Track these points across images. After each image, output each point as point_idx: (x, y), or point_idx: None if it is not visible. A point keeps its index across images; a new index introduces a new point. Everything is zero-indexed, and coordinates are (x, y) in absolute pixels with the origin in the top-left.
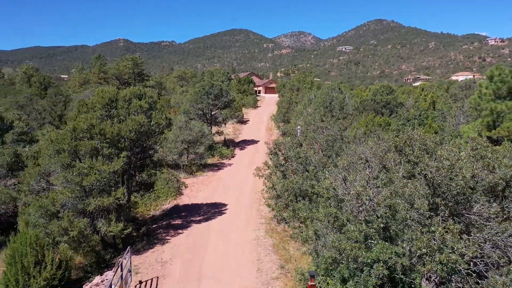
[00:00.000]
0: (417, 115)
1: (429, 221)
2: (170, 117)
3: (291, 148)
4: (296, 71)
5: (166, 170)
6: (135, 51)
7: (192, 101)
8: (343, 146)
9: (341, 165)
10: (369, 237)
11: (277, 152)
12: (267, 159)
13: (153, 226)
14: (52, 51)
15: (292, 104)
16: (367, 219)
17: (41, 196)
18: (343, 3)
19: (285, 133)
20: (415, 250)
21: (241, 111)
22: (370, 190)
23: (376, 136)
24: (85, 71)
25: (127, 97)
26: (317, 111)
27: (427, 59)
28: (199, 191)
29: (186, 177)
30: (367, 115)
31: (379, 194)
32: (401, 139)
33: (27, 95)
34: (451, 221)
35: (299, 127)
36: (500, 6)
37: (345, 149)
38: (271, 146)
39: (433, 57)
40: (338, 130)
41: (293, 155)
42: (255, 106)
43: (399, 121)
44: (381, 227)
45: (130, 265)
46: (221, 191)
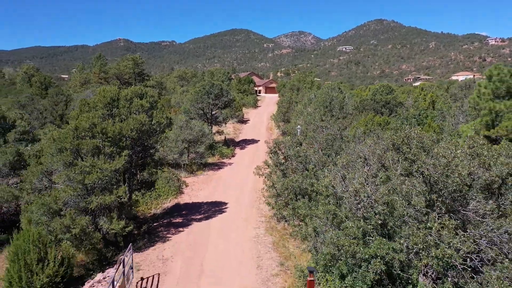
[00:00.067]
0: (416, 114)
1: (426, 218)
2: (170, 116)
3: (291, 147)
4: (296, 71)
5: (167, 169)
6: (135, 51)
7: (193, 101)
8: (342, 145)
9: (340, 164)
10: (367, 233)
11: (277, 151)
12: (267, 158)
13: (154, 224)
14: (52, 51)
15: (292, 104)
16: (365, 215)
17: (44, 194)
18: (343, 3)
19: (285, 132)
20: (412, 245)
21: (242, 110)
22: (368, 187)
23: (376, 135)
24: (86, 71)
25: (128, 96)
26: (317, 110)
27: (427, 59)
28: (200, 190)
29: (187, 176)
30: (366, 114)
31: (377, 191)
32: (399, 137)
33: (28, 95)
34: (447, 217)
35: (299, 126)
36: (500, 6)
37: (344, 148)
38: (271, 145)
39: (434, 57)
40: (337, 130)
41: (293, 154)
42: (255, 106)
43: (398, 121)
44: (379, 224)
45: (132, 262)
46: (221, 190)
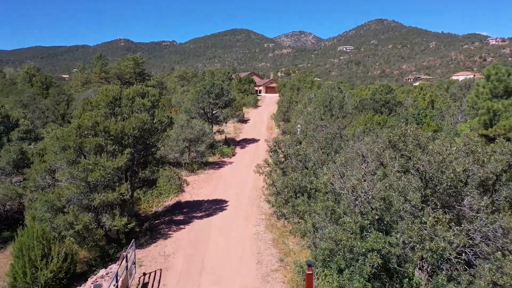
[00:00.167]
0: (415, 113)
1: (422, 213)
2: (171, 116)
3: (291, 146)
4: (296, 71)
5: (168, 167)
6: (136, 51)
7: (194, 100)
8: (342, 144)
9: (339, 162)
10: (364, 228)
11: (277, 150)
12: (267, 157)
13: (156, 222)
14: (53, 51)
15: (292, 103)
16: (362, 211)
17: (47, 192)
18: (343, 3)
19: (285, 131)
20: (407, 238)
21: (242, 110)
22: (365, 183)
23: (375, 134)
24: (87, 71)
25: (130, 95)
26: (317, 110)
27: (427, 59)
28: (201, 188)
29: (188, 175)
30: (366, 114)
31: (374, 187)
32: (395, 134)
33: (30, 94)
34: (441, 211)
35: (299, 125)
36: (501, 6)
37: (343, 147)
38: (271, 144)
39: (434, 57)
40: (337, 129)
41: (293, 153)
42: (255, 105)
43: (396, 120)
44: (376, 219)
45: (134, 257)
46: (222, 188)
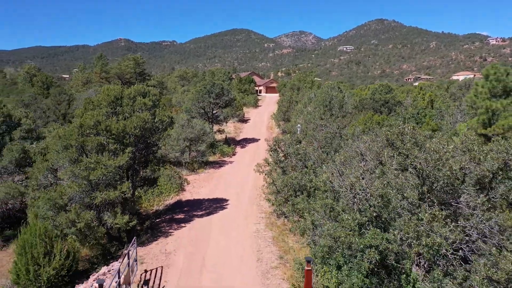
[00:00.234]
0: (415, 113)
1: (419, 210)
2: (172, 115)
3: (290, 145)
4: (297, 71)
5: (169, 167)
6: (136, 51)
7: (194, 100)
8: (341, 143)
9: (338, 160)
10: (363, 225)
11: (277, 149)
12: (267, 156)
13: (157, 220)
14: (53, 51)
15: (293, 103)
16: (360, 208)
17: (50, 190)
18: (344, 2)
19: (285, 131)
20: (404, 234)
21: (242, 110)
22: (363, 181)
23: (374, 133)
24: (87, 70)
25: (131, 95)
26: (316, 109)
27: (428, 58)
28: (201, 187)
29: (188, 174)
30: (365, 113)
31: (372, 185)
32: (393, 133)
33: (31, 94)
34: (437, 208)
35: (299, 125)
36: (501, 6)
37: (343, 146)
38: (271, 143)
39: (434, 57)
40: (337, 128)
41: (293, 152)
42: (256, 105)
43: (394, 119)
44: (374, 216)
45: (136, 254)
46: (222, 187)
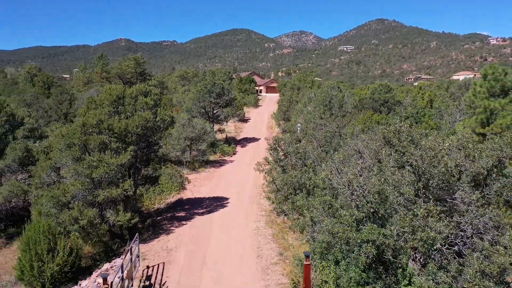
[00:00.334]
0: (414, 112)
1: (415, 206)
2: (172, 115)
3: (290, 144)
4: (297, 71)
5: (170, 166)
6: (136, 51)
7: (195, 100)
8: (341, 142)
9: (337, 159)
10: (360, 221)
11: (277, 148)
12: (267, 155)
13: (158, 218)
14: (54, 51)
15: (293, 103)
16: (358, 205)
17: (53, 188)
18: (344, 2)
19: (285, 130)
20: (400, 228)
21: (243, 109)
22: (360, 178)
23: (373, 132)
24: (88, 70)
25: (133, 94)
26: (316, 109)
27: (428, 58)
28: (202, 186)
29: (189, 173)
30: (365, 113)
31: (369, 182)
32: (389, 130)
33: (33, 94)
34: (432, 203)
35: (299, 124)
36: (501, 6)
37: (342, 145)
38: (271, 142)
39: (435, 57)
40: (336, 127)
41: (293, 151)
42: (256, 105)
43: (393, 118)
44: (371, 212)
45: (138, 251)
46: (223, 186)
